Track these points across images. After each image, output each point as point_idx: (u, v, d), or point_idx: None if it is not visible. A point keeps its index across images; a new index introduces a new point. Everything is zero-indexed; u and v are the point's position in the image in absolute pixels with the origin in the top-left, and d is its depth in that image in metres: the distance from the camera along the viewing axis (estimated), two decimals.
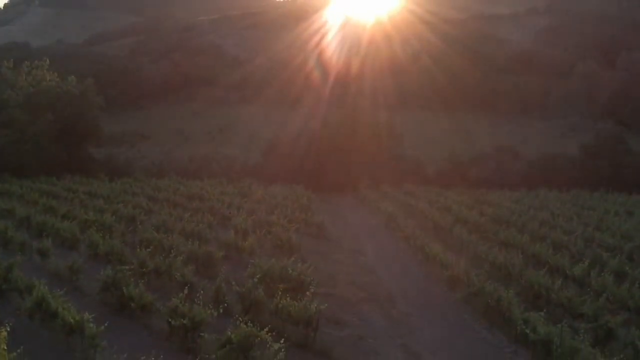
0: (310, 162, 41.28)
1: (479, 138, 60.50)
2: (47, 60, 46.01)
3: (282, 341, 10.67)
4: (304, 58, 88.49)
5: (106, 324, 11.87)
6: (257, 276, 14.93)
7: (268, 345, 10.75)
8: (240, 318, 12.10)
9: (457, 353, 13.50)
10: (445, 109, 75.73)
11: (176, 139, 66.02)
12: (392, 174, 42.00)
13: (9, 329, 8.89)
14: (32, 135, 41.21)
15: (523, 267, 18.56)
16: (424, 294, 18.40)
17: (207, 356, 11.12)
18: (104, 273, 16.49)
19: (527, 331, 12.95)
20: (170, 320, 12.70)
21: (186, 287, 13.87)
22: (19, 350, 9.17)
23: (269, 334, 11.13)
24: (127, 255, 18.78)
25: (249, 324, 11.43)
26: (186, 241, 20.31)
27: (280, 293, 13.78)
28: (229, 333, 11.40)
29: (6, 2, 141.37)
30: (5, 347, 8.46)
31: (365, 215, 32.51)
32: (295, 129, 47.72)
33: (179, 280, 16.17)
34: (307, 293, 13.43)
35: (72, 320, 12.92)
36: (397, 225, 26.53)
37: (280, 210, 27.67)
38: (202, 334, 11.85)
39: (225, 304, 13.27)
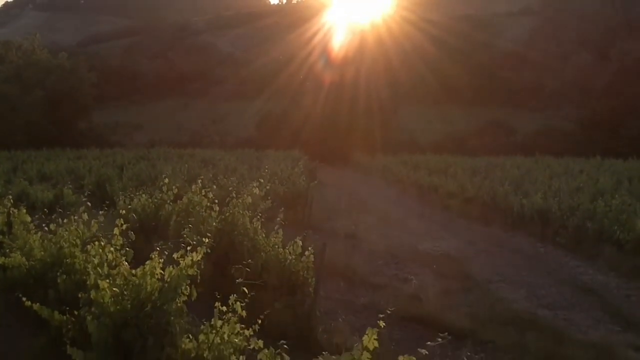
0: (305, 133, 40.92)
1: (470, 127, 60.28)
2: (38, 35, 45.63)
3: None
4: (301, 57, 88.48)
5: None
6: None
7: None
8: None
9: (454, 237, 13.01)
10: (436, 104, 75.79)
11: (169, 129, 65.57)
12: (387, 146, 41.65)
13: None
14: (22, 110, 40.69)
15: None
16: (418, 211, 17.92)
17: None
18: (88, 178, 16.04)
19: (524, 202, 12.52)
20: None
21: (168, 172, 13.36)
22: None
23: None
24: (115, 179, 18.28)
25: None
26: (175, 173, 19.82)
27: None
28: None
29: None
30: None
31: (359, 175, 32.10)
32: (291, 107, 47.48)
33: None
34: (296, 169, 12.94)
35: (50, 196, 12.46)
36: (391, 173, 26.11)
37: (272, 161, 27.20)
38: None
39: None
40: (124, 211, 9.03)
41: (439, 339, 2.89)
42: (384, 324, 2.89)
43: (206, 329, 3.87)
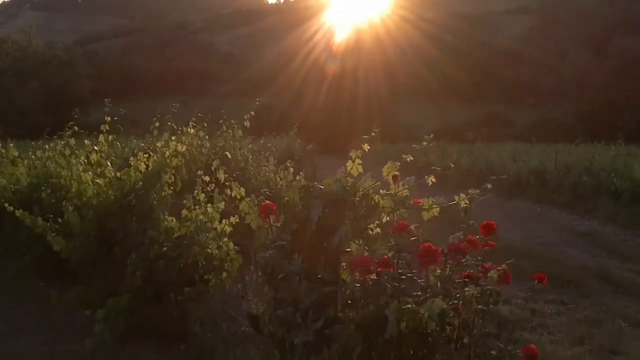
0: (305, 126, 40.76)
1: (467, 121, 60.37)
2: (34, 26, 45.43)
3: None
4: (300, 57, 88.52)
5: None
6: None
7: None
8: None
9: (448, 196, 12.86)
10: (434, 101, 75.95)
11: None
12: (385, 139, 41.57)
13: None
14: (18, 102, 40.49)
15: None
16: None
17: None
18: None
19: (521, 164, 12.43)
20: None
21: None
22: None
23: None
24: None
25: None
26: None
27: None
28: None
29: None
30: None
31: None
32: (291, 103, 47.45)
33: None
34: (291, 133, 12.87)
35: None
36: (388, 157, 25.93)
37: (266, 141, 27.05)
38: None
39: None
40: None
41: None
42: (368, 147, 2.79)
43: (189, 203, 3.76)
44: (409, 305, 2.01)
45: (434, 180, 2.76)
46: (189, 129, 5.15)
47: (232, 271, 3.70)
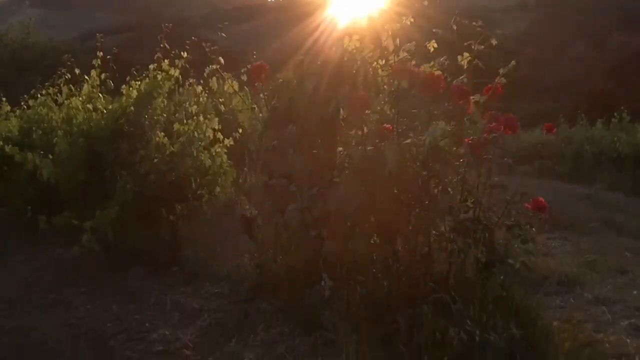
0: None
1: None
2: (33, 19, 45.03)
3: None
4: (300, 53, 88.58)
5: None
6: None
7: None
8: None
9: None
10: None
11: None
12: None
13: None
14: (17, 96, 40.26)
15: None
16: None
17: None
18: None
19: (523, 136, 12.33)
20: None
21: None
22: None
23: None
24: None
25: None
26: None
27: None
28: None
29: None
30: None
31: None
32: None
33: None
34: None
35: None
36: None
37: None
38: None
39: None
40: None
41: None
42: None
43: (181, 115, 3.63)
44: (409, 141, 1.89)
45: (435, 45, 2.63)
46: (182, 53, 4.98)
47: (225, 185, 3.57)
